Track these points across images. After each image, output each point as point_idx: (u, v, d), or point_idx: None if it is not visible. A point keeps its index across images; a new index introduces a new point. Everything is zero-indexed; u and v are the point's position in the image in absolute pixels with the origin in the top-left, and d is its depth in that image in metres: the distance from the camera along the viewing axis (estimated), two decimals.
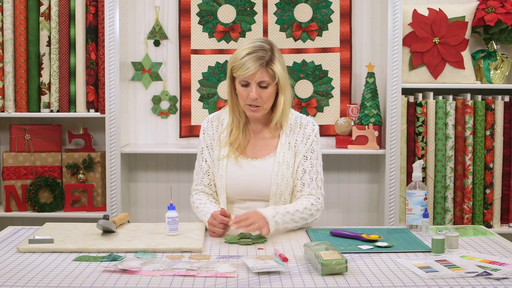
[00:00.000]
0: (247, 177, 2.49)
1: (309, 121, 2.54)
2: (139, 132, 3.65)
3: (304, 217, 2.40)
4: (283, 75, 2.42)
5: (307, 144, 2.49)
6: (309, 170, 2.47)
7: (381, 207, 3.51)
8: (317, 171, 2.48)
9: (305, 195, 2.47)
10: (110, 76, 3.35)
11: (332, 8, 3.56)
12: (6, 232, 2.44)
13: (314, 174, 2.47)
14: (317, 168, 2.49)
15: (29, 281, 1.86)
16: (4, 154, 3.51)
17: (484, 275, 1.90)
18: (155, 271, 1.94)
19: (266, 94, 2.41)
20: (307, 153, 2.49)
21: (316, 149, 2.50)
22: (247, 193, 2.51)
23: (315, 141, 2.51)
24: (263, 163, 2.49)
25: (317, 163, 2.50)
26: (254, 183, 2.49)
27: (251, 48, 2.40)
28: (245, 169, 2.50)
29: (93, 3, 3.41)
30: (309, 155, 2.48)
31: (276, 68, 2.39)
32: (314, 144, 2.50)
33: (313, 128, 2.52)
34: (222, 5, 3.56)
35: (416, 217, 2.44)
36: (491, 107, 3.44)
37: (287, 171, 2.47)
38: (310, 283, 1.84)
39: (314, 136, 2.51)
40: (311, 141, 2.50)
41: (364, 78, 3.51)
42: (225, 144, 2.52)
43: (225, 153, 2.51)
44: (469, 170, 3.46)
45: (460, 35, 3.43)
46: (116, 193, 3.39)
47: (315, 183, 2.47)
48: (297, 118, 2.54)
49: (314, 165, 2.48)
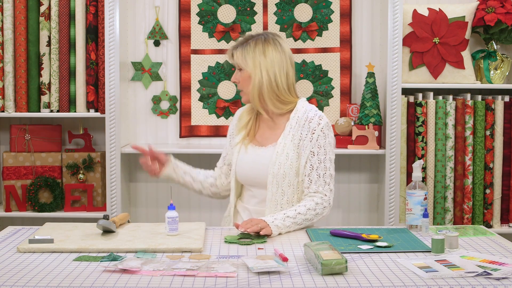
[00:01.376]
0: (250, 164, 2.55)
1: (316, 115, 2.49)
2: (139, 132, 3.65)
3: (308, 218, 2.42)
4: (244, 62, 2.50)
5: (313, 139, 2.46)
6: (317, 167, 2.45)
7: (381, 207, 3.51)
8: (325, 167, 2.46)
9: (311, 192, 2.47)
10: (110, 76, 3.35)
11: (332, 8, 3.56)
12: (6, 232, 2.44)
13: (322, 170, 2.45)
14: (325, 164, 2.46)
15: (29, 281, 1.85)
16: (4, 154, 3.51)
17: (484, 275, 1.90)
18: (155, 271, 1.94)
19: (240, 77, 2.53)
20: (314, 149, 2.46)
21: (323, 144, 2.46)
22: (249, 179, 2.57)
23: (321, 135, 2.46)
24: (265, 151, 2.53)
25: (326, 158, 2.46)
26: (254, 171, 2.54)
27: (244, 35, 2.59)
28: (250, 156, 2.56)
29: (93, 3, 3.41)
30: (316, 151, 2.46)
31: (237, 53, 2.51)
32: (320, 139, 2.46)
33: (318, 122, 2.47)
34: (222, 5, 3.56)
35: (416, 217, 2.44)
36: (491, 107, 3.44)
37: (286, 162, 2.46)
38: (310, 283, 1.84)
39: (320, 131, 2.47)
40: (317, 135, 2.46)
41: (364, 78, 3.51)
42: (240, 131, 2.62)
43: (239, 140, 2.61)
44: (469, 170, 3.46)
45: (460, 35, 3.42)
46: (116, 193, 3.39)
47: (323, 179, 2.46)
48: (306, 112, 2.51)
49: (322, 160, 2.46)
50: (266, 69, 2.48)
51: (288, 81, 2.52)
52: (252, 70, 2.49)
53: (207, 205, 3.68)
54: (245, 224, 2.31)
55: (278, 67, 2.49)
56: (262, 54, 2.48)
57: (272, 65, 2.48)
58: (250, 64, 2.49)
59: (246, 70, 2.51)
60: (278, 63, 2.49)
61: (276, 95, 2.50)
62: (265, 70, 2.48)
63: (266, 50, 2.49)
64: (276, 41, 2.52)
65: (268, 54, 2.49)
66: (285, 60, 2.51)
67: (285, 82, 2.50)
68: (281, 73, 2.49)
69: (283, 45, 2.52)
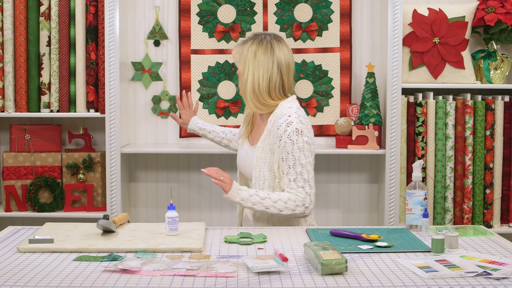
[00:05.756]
0: (242, 160, 2.73)
1: (284, 122, 2.50)
2: (139, 132, 3.65)
3: (277, 207, 2.46)
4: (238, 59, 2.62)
5: (280, 146, 2.49)
6: (287, 172, 2.48)
7: (381, 207, 3.51)
8: (296, 172, 2.47)
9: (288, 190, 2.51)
10: (110, 76, 3.35)
11: (332, 8, 3.56)
12: (6, 232, 2.44)
13: (292, 175, 2.47)
14: (296, 169, 2.47)
15: (29, 281, 1.86)
16: (4, 154, 3.51)
17: (484, 275, 1.90)
18: (155, 271, 1.94)
19: (238, 72, 2.65)
20: (282, 154, 2.48)
21: (291, 150, 2.47)
22: (243, 173, 2.74)
23: (288, 142, 2.47)
24: (252, 151, 2.65)
25: (295, 164, 2.47)
26: (244, 167, 2.71)
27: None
28: (244, 152, 2.72)
29: (93, 3, 3.41)
30: (285, 157, 2.48)
31: (235, 51, 2.64)
32: (287, 146, 2.47)
33: (285, 129, 2.48)
34: (222, 5, 3.56)
35: (416, 217, 2.44)
36: (491, 107, 3.44)
37: (264, 165, 2.55)
38: (310, 283, 1.85)
39: (287, 137, 2.47)
40: (283, 142, 2.47)
41: (364, 78, 3.51)
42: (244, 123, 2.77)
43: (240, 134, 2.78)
44: (469, 170, 3.46)
45: (460, 35, 3.43)
46: (116, 193, 3.39)
47: (294, 183, 2.47)
48: (279, 116, 2.53)
49: (291, 166, 2.47)
50: (253, 70, 2.56)
51: (270, 84, 2.55)
52: (242, 69, 2.60)
53: (207, 205, 3.68)
54: (213, 170, 2.48)
55: (263, 69, 2.55)
56: (253, 55, 2.57)
57: (258, 67, 2.56)
58: (242, 63, 2.60)
59: (239, 67, 2.63)
60: (264, 65, 2.55)
61: (256, 96, 2.57)
62: (252, 70, 2.56)
63: (257, 51, 2.57)
64: (270, 44, 2.57)
65: (257, 56, 2.56)
66: (271, 64, 2.55)
67: (266, 85, 2.55)
68: (264, 75, 2.55)
69: (275, 49, 2.56)
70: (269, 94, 2.56)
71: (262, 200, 2.46)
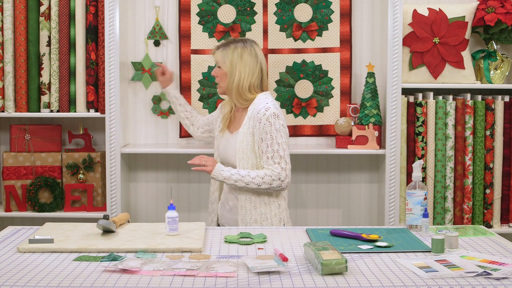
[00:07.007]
0: (223, 148, 2.99)
1: (263, 107, 2.84)
2: (139, 132, 3.65)
3: (256, 182, 2.77)
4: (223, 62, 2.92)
5: (260, 128, 2.81)
6: (266, 150, 2.80)
7: (381, 207, 3.51)
8: (273, 150, 2.79)
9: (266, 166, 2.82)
10: (110, 76, 3.35)
11: (332, 8, 3.56)
12: (6, 232, 2.44)
13: (270, 153, 2.79)
14: (273, 147, 2.79)
15: (29, 281, 1.86)
16: (4, 154, 3.51)
17: (484, 275, 1.90)
18: (155, 271, 1.94)
19: (219, 73, 2.96)
20: (262, 135, 2.81)
21: (269, 131, 2.80)
22: (225, 161, 2.96)
23: (267, 124, 2.80)
24: (234, 138, 2.93)
25: (273, 142, 2.80)
26: (226, 153, 2.95)
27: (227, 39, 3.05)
28: (225, 140, 2.99)
29: (93, 3, 3.41)
30: (264, 137, 2.80)
31: (218, 53, 2.95)
32: (266, 126, 2.80)
33: (264, 113, 2.81)
34: (222, 5, 3.56)
35: (416, 217, 2.44)
36: (491, 107, 3.45)
37: (246, 147, 2.85)
38: (310, 283, 1.85)
39: (266, 120, 2.80)
40: (263, 124, 2.81)
41: (364, 78, 3.51)
42: (222, 120, 3.06)
43: (219, 129, 3.05)
44: (469, 170, 3.46)
45: (460, 35, 3.43)
46: (116, 193, 3.39)
47: (272, 160, 2.79)
48: (258, 104, 2.86)
49: (269, 145, 2.79)
50: (239, 70, 2.91)
51: (251, 81, 2.91)
52: (229, 70, 2.92)
53: (207, 205, 3.68)
54: (197, 158, 2.82)
55: (248, 69, 2.91)
56: (239, 57, 2.91)
57: (244, 67, 2.91)
58: (228, 65, 2.92)
59: (223, 69, 2.93)
60: (249, 66, 2.91)
61: (239, 93, 2.91)
62: (239, 71, 2.90)
63: (243, 54, 2.92)
64: (252, 47, 2.93)
65: (243, 58, 2.91)
66: (255, 65, 2.92)
67: (247, 82, 2.91)
68: (248, 75, 2.91)
69: (257, 52, 2.94)
70: (249, 89, 2.91)
71: (242, 177, 2.78)
